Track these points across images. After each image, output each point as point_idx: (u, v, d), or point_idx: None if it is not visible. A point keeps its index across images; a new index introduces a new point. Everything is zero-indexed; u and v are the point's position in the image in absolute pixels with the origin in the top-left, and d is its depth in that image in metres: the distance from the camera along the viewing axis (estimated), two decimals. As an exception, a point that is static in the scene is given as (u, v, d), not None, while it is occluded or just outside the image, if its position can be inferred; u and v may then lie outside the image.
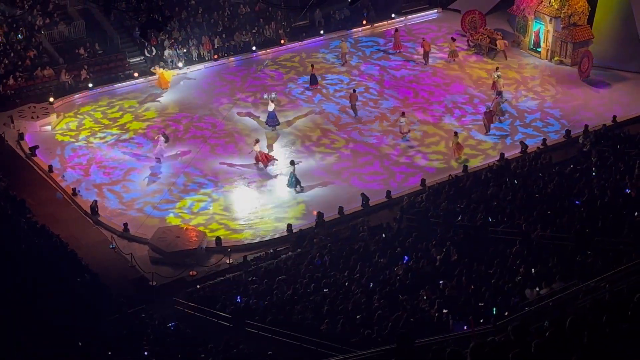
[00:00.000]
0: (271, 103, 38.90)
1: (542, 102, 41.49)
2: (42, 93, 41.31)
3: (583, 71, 43.29)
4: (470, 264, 25.89)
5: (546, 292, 23.87)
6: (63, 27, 44.38)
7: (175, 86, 42.93)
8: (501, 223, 28.69)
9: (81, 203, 33.24)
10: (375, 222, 31.43)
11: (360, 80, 43.67)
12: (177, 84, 43.13)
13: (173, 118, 39.84)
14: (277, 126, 38.92)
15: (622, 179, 31.50)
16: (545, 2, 44.64)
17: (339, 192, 34.44)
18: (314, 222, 31.87)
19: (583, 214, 28.37)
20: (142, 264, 29.85)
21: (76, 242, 30.49)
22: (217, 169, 35.65)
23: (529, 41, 46.43)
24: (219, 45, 46.17)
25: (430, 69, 44.89)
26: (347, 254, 27.99)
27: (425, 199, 31.88)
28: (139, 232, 31.59)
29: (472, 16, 47.48)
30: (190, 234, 30.94)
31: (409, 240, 28.07)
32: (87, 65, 43.11)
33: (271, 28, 47.93)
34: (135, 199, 33.82)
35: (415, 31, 48.80)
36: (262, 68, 44.62)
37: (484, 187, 31.98)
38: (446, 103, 41.35)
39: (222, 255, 30.27)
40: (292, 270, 27.69)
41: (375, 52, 46.97)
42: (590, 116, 39.72)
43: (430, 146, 37.62)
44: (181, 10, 46.71)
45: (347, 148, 37.57)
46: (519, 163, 34.55)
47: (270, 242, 31.25)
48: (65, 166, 35.88)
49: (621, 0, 43.72)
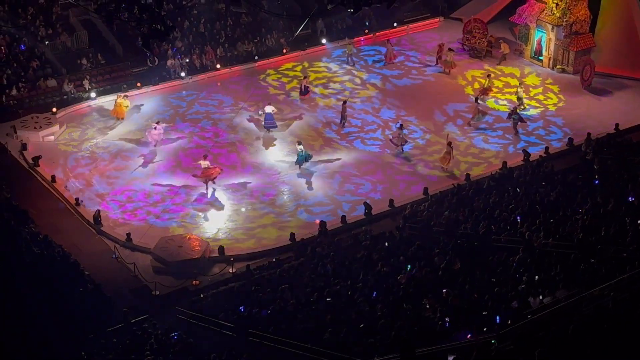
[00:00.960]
0: (269, 105, 39.17)
1: (545, 110, 41.51)
2: (45, 103, 41.39)
3: (585, 79, 43.33)
4: (473, 272, 25.89)
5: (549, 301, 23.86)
6: (66, 38, 44.48)
7: (178, 95, 42.95)
8: (504, 231, 28.69)
9: (84, 213, 33.24)
10: (377, 230, 31.40)
11: (362, 89, 43.70)
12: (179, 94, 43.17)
13: (175, 127, 39.84)
14: (274, 129, 39.16)
15: (625, 186, 31.51)
16: (547, 11, 44.70)
17: (341, 201, 34.44)
18: (316, 231, 31.86)
19: (586, 222, 28.37)
20: (145, 274, 29.83)
21: (79, 252, 30.48)
22: (219, 178, 35.62)
23: (531, 49, 46.49)
24: (222, 54, 46.24)
25: (432, 78, 44.92)
26: (350, 263, 27.98)
27: (428, 208, 31.89)
28: (141, 242, 31.58)
29: (474, 25, 47.54)
30: (193, 243, 30.93)
31: (412, 249, 28.06)
32: (89, 75, 43.18)
33: (273, 37, 48.01)
34: (138, 209, 33.82)
35: (417, 40, 48.82)
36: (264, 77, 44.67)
37: (487, 196, 31.99)
38: (448, 111, 41.37)
39: (225, 265, 30.25)
40: (295, 279, 27.68)
41: (377, 61, 47.01)
42: (592, 124, 39.73)
43: (432, 155, 37.62)
44: (183, 20, 46.80)
45: (349, 156, 37.57)
46: (521, 171, 34.56)
47: (273, 251, 31.23)
48: (69, 176, 35.89)
49: (623, 8, 43.75)
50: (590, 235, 27.46)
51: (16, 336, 23.39)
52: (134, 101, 41.64)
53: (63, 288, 26.61)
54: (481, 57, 46.82)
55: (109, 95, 42.07)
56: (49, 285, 26.23)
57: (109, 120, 40.42)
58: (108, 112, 40.90)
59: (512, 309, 23.15)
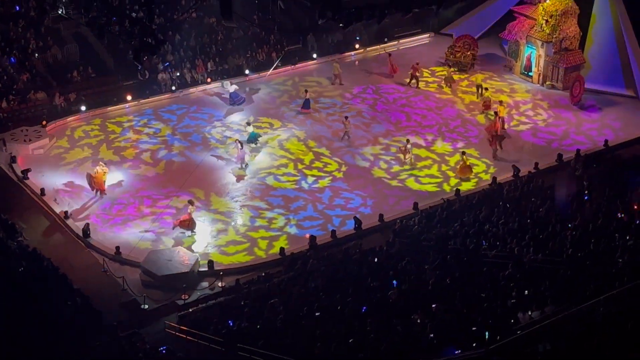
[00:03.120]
0: (231, 85, 42.62)
1: (534, 126, 41.64)
2: (34, 116, 41.25)
3: (575, 95, 43.51)
4: (462, 287, 25.90)
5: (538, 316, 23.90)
6: (56, 51, 44.43)
7: (169, 109, 42.96)
8: (494, 247, 28.73)
9: (73, 226, 33.14)
10: (368, 245, 31.40)
11: (353, 103, 43.77)
12: (169, 108, 43.17)
13: (165, 142, 39.83)
14: (243, 103, 42.01)
15: (613, 202, 31.61)
16: (537, 27, 44.90)
17: (331, 215, 34.46)
18: (306, 245, 31.85)
19: (575, 237, 28.45)
20: (134, 287, 29.73)
21: (68, 265, 30.37)
22: (209, 192, 35.59)
23: (520, 65, 46.67)
24: (212, 68, 46.27)
25: (422, 93, 45.03)
26: (340, 277, 27.96)
27: (418, 223, 31.92)
28: (130, 255, 31.50)
29: (464, 40, 47.73)
30: (183, 257, 30.87)
31: (402, 264, 28.07)
32: (79, 88, 43.11)
33: (264, 52, 48.07)
34: (127, 222, 33.74)
35: (407, 56, 48.96)
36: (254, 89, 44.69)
37: (477, 211, 32.05)
38: (438, 127, 41.47)
39: (214, 279, 30.18)
40: (285, 293, 27.63)
41: (368, 75, 47.08)
42: (582, 140, 39.92)
43: (422, 169, 37.70)
44: (174, 34, 46.82)
45: (340, 171, 37.61)
46: (511, 187, 34.65)
47: (263, 265, 31.18)
48: (58, 189, 35.77)
49: (612, 24, 43.99)
50: (579, 250, 27.53)
51: (3, 349, 23.28)
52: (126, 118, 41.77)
53: (51, 301, 26.50)
54: (467, 71, 47.01)
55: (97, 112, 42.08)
56: (37, 299, 26.13)
57: (99, 133, 40.36)
58: (98, 125, 40.89)
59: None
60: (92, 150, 38.90)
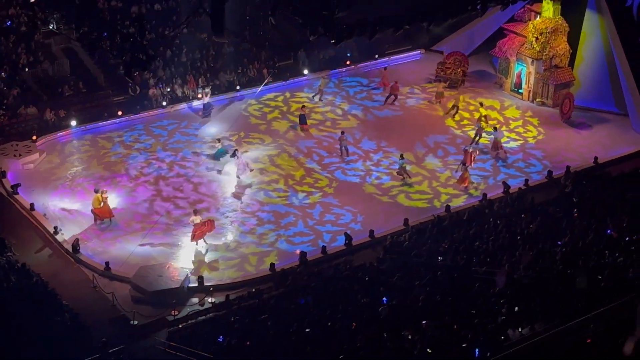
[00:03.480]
0: (206, 96, 43.38)
1: (524, 143, 41.76)
2: (25, 131, 41.17)
3: (564, 112, 43.67)
4: (453, 303, 25.90)
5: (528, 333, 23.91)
6: (47, 66, 44.41)
7: (158, 125, 42.93)
8: (484, 263, 28.75)
9: (62, 241, 33.03)
10: (358, 261, 31.39)
11: (343, 119, 43.82)
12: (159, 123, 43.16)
13: (156, 157, 39.81)
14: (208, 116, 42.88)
15: (603, 220, 31.69)
16: (527, 44, 45.10)
17: (322, 231, 34.44)
18: (297, 261, 31.81)
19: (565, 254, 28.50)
20: (124, 303, 29.62)
21: (57, 280, 30.26)
22: (200, 207, 35.57)
23: (511, 82, 46.84)
24: (203, 84, 46.28)
25: (413, 109, 45.12)
26: (330, 293, 27.92)
27: (409, 239, 31.93)
28: (120, 271, 31.40)
29: (455, 57, 47.89)
30: (173, 272, 30.80)
31: (393, 280, 28.06)
32: (70, 103, 43.07)
33: (255, 68, 48.13)
34: (117, 237, 33.66)
35: (398, 72, 49.05)
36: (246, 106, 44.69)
37: (467, 227, 32.08)
38: (429, 143, 41.54)
39: (205, 294, 30.10)
40: (275, 309, 27.57)
41: (359, 92, 47.20)
42: (572, 157, 40.02)
43: (413, 186, 37.74)
44: (166, 50, 46.86)
45: (331, 187, 37.62)
46: (501, 203, 34.71)
47: (253, 281, 31.12)
48: (47, 204, 35.68)
49: (602, 42, 44.20)
50: (569, 267, 27.57)
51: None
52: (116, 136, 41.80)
53: (40, 317, 26.38)
54: (457, 87, 47.15)
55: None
56: (26, 315, 26.00)
57: (89, 148, 40.33)
58: (88, 140, 40.86)
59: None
60: (83, 165, 38.84)
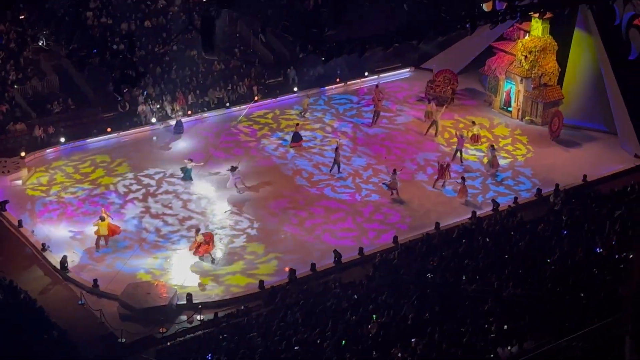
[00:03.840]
0: (178, 114, 43.64)
1: (514, 161, 41.85)
2: (13, 147, 41.03)
3: (553, 131, 43.79)
4: (442, 322, 25.85)
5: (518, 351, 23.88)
6: (36, 82, 44.33)
7: (148, 141, 42.89)
8: (473, 281, 28.72)
9: (50, 258, 32.89)
10: (347, 279, 31.33)
11: (333, 137, 43.83)
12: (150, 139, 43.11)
13: (145, 174, 39.73)
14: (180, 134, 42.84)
15: (592, 238, 31.73)
16: (516, 63, 45.27)
17: (311, 248, 34.39)
18: (286, 278, 31.73)
19: (554, 272, 28.51)
20: (112, 321, 29.49)
21: (45, 298, 30.12)
22: (189, 224, 35.48)
23: (500, 100, 46.98)
24: (193, 101, 46.27)
25: (402, 127, 45.18)
26: (319, 311, 27.84)
27: (398, 256, 31.90)
28: (108, 288, 31.27)
29: (444, 75, 48.01)
30: (161, 290, 30.69)
31: (382, 298, 28.00)
32: (59, 120, 42.99)
33: (245, 85, 48.16)
34: (105, 255, 33.52)
35: (387, 89, 49.19)
36: (236, 124, 44.68)
37: (456, 245, 32.07)
38: (418, 160, 41.59)
39: (193, 312, 29.98)
40: (264, 327, 27.48)
41: (349, 109, 47.25)
42: (561, 175, 40.09)
43: (402, 203, 37.74)
44: (155, 66, 46.86)
45: (320, 204, 37.59)
46: (490, 221, 34.73)
47: (242, 298, 31.02)
48: (36, 221, 35.56)
49: (590, 62, 44.40)
50: (558, 285, 27.57)
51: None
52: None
53: (28, 335, 26.22)
54: (446, 105, 47.21)
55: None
56: (13, 332, 25.83)
57: (78, 165, 40.24)
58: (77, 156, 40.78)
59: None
60: (71, 182, 38.73)
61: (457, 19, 33.51)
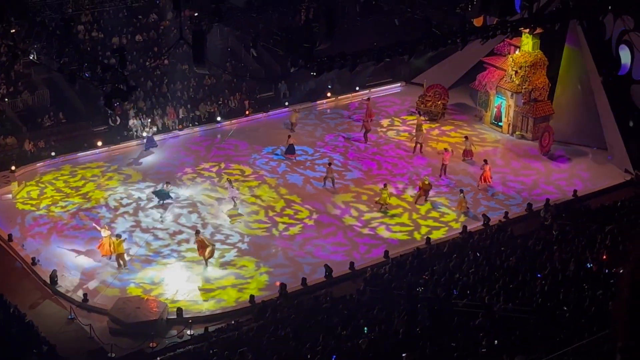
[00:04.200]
0: (148, 130, 43.13)
1: (504, 176, 41.92)
2: (3, 161, 40.97)
3: (544, 146, 43.91)
4: (433, 336, 25.80)
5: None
6: (27, 96, 44.29)
7: (139, 155, 42.84)
8: (464, 296, 28.70)
9: (40, 273, 32.78)
10: (338, 293, 31.28)
11: (325, 151, 43.87)
12: (141, 153, 43.06)
13: (136, 187, 39.68)
14: (154, 147, 42.67)
15: (583, 253, 31.75)
16: (507, 78, 45.43)
17: (302, 263, 34.36)
18: (276, 293, 31.67)
19: (545, 287, 28.50)
20: (102, 335, 29.37)
21: (34, 312, 29.99)
22: (180, 238, 35.44)
23: (490, 115, 47.11)
24: (184, 115, 46.29)
25: (394, 141, 45.25)
26: (310, 326, 27.77)
27: (389, 271, 31.87)
28: (98, 303, 31.16)
29: (435, 90, 48.15)
30: (151, 304, 30.59)
31: (373, 312, 27.95)
32: (50, 134, 42.93)
33: (236, 99, 48.21)
34: (96, 269, 33.42)
35: (378, 104, 49.30)
36: (227, 139, 44.70)
37: (447, 260, 32.07)
38: (409, 175, 41.63)
39: (183, 327, 29.89)
40: (254, 342, 27.39)
41: (340, 123, 47.33)
42: (551, 190, 40.21)
43: (393, 218, 37.76)
44: (146, 80, 46.86)
45: (311, 219, 37.58)
46: (481, 236, 34.74)
47: (232, 313, 30.95)
48: (26, 235, 35.45)
49: (581, 77, 44.58)
50: (549, 300, 27.57)
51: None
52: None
53: (17, 349, 26.09)
54: (437, 120, 47.38)
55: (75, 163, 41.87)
56: (3, 346, 25.71)
57: (68, 179, 40.16)
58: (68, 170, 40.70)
59: None
60: (61, 196, 38.65)
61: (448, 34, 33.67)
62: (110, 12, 47.21)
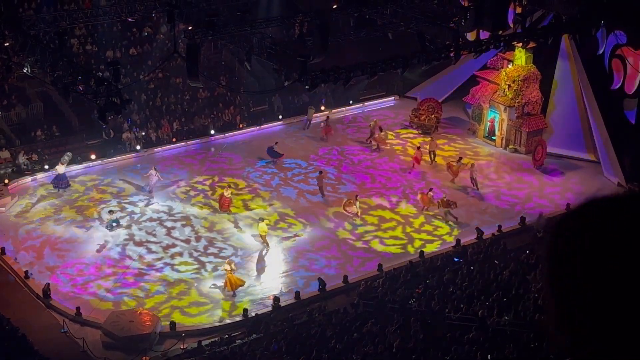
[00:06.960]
0: (61, 165, 40.09)
1: (497, 189, 41.96)
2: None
3: (537, 159, 43.97)
4: (427, 350, 25.80)
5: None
6: (20, 109, 44.26)
7: (132, 168, 42.83)
8: (458, 309, 28.71)
9: (33, 286, 32.70)
10: (332, 307, 31.25)
11: (318, 164, 43.88)
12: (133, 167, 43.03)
13: (130, 201, 39.64)
14: (67, 188, 39.95)
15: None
16: (500, 92, 45.53)
17: (295, 276, 34.31)
18: (270, 307, 31.62)
19: (539, 301, 28.52)
20: (94, 349, 29.28)
21: (27, 326, 29.89)
22: (173, 251, 35.40)
23: (483, 129, 47.20)
24: (178, 128, 46.29)
25: (387, 156, 45.30)
26: (303, 340, 27.74)
27: (382, 284, 31.87)
28: (91, 316, 31.08)
29: (429, 104, 48.25)
30: (144, 318, 30.50)
31: (366, 326, 27.94)
32: (43, 147, 42.90)
33: (230, 112, 48.24)
34: (89, 282, 33.35)
35: (372, 118, 49.37)
36: (220, 152, 44.73)
37: (441, 273, 32.09)
38: (403, 188, 41.66)
39: (176, 340, 29.81)
40: (248, 355, 27.35)
41: (333, 137, 47.34)
42: (544, 203, 40.24)
43: (387, 231, 37.75)
44: (140, 94, 46.88)
45: (304, 232, 37.56)
46: (474, 249, 34.76)
47: (226, 327, 30.88)
48: (19, 248, 35.37)
49: (574, 90, 44.72)
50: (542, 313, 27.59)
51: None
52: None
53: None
54: (430, 134, 47.40)
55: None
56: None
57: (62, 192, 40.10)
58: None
59: None
60: (54, 209, 38.59)
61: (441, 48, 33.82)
62: (104, 26, 47.25)
